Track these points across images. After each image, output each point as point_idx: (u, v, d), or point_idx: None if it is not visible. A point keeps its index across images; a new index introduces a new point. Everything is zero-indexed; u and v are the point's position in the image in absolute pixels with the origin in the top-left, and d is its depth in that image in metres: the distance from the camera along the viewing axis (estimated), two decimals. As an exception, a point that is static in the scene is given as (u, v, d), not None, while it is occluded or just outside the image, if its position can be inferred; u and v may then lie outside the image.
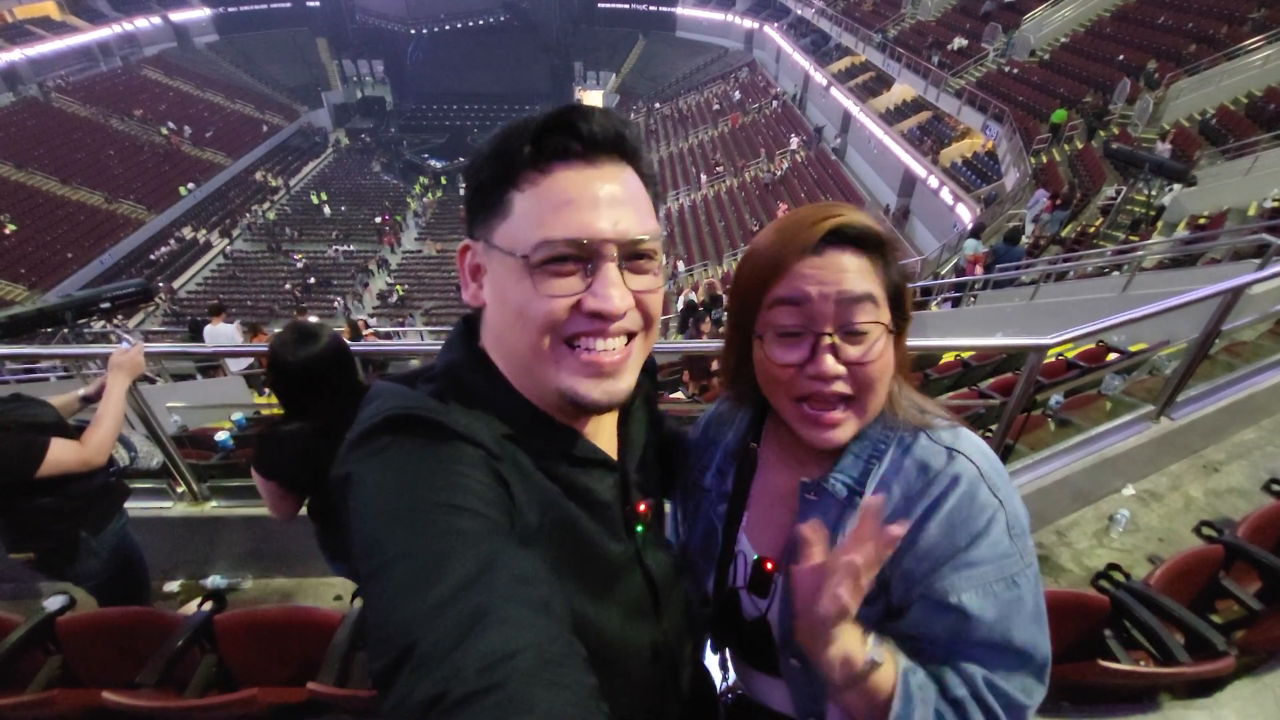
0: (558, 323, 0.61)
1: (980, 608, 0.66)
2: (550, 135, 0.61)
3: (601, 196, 0.61)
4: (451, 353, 0.70)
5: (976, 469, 0.70)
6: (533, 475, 0.64)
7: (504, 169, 0.62)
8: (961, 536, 0.67)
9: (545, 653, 0.45)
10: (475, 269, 0.67)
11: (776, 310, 0.71)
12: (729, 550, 0.83)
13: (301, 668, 1.77)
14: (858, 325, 0.68)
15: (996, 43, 18.95)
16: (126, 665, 1.78)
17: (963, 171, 16.79)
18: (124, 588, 2.10)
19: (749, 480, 0.84)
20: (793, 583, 0.64)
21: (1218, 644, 1.73)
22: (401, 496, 0.54)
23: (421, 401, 0.62)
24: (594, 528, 0.69)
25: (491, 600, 0.46)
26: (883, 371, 0.71)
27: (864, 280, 0.69)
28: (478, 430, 0.61)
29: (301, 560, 2.67)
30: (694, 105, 32.78)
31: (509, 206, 0.62)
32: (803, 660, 0.76)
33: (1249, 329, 3.86)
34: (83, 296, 5.27)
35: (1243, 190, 9.15)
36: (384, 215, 28.82)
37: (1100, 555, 2.60)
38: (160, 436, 2.39)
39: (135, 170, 26.42)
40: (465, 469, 0.57)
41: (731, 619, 0.84)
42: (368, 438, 0.58)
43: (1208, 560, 2.06)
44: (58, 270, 20.41)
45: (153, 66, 33.83)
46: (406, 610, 0.46)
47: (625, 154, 0.65)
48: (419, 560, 0.49)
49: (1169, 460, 2.99)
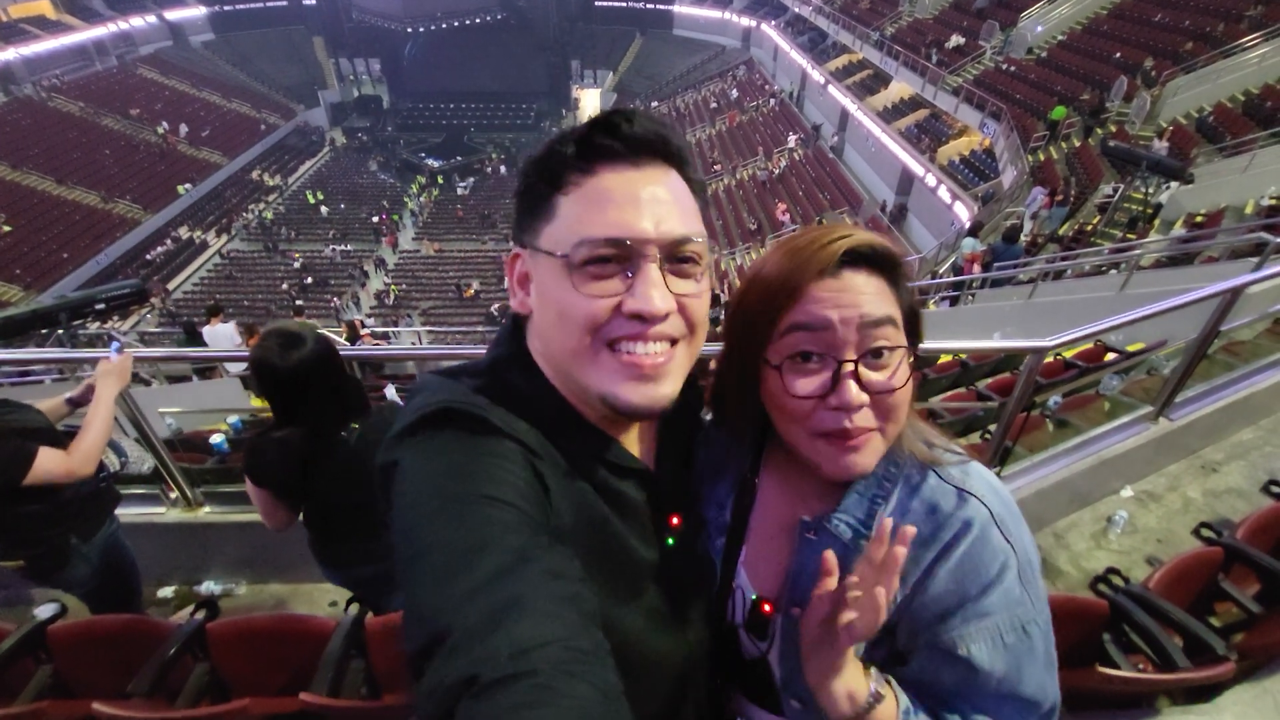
0: (598, 324, 0.61)
1: (989, 661, 0.64)
2: (594, 136, 0.62)
3: (644, 196, 0.61)
4: (499, 349, 0.72)
5: (989, 512, 0.67)
6: (570, 474, 0.65)
7: (549, 172, 0.63)
8: (972, 585, 0.65)
9: (574, 646, 0.46)
10: (524, 277, 0.68)
11: (792, 337, 0.66)
12: (727, 585, 0.80)
13: (295, 676, 1.75)
14: (881, 349, 0.65)
15: (994, 40, 18.95)
16: (118, 674, 1.76)
17: (960, 170, 16.79)
18: (116, 594, 2.09)
19: (747, 514, 0.81)
20: (804, 615, 0.63)
21: (1217, 648, 1.72)
22: (443, 486, 0.55)
23: (466, 396, 0.63)
24: (625, 532, 0.69)
25: (524, 591, 0.48)
26: (906, 397, 0.68)
27: (884, 302, 0.66)
28: (518, 427, 0.62)
29: (296, 566, 2.65)
30: (691, 104, 32.74)
31: (554, 209, 0.63)
32: (804, 702, 0.74)
33: (1247, 328, 3.86)
34: (77, 298, 5.25)
35: (1240, 188, 9.16)
36: (382, 215, 28.76)
37: (1099, 557, 2.59)
38: (153, 441, 2.37)
39: (131, 170, 26.30)
40: (505, 464, 0.58)
41: (731, 656, 0.82)
42: (415, 429, 0.60)
43: (1207, 563, 2.05)
44: (53, 271, 20.32)
45: (148, 65, 33.67)
46: (442, 596, 0.48)
47: (670, 157, 0.65)
48: (456, 548, 0.50)
49: (1167, 461, 2.98)
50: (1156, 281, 6.21)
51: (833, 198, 20.17)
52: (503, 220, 28.64)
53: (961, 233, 11.13)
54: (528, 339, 0.71)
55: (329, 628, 1.83)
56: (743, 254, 19.33)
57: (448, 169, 34.61)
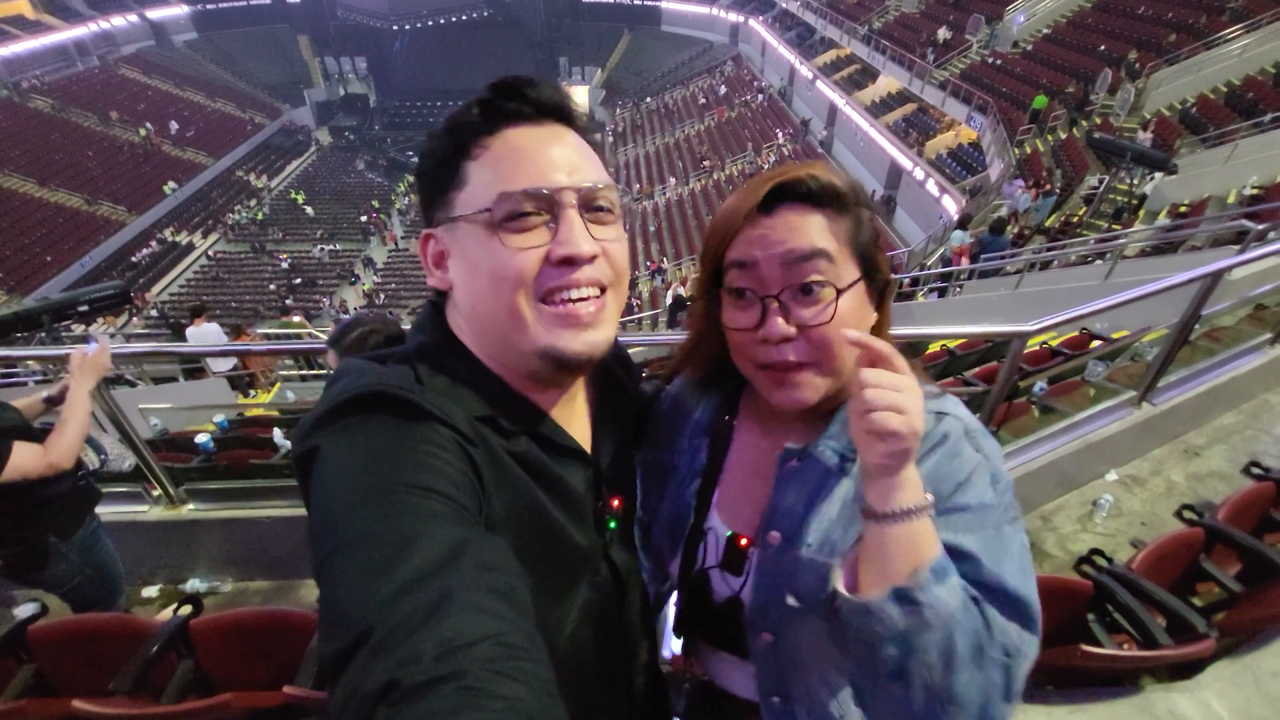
0: (529, 275, 0.61)
1: (960, 542, 0.64)
2: (497, 99, 0.63)
3: (554, 150, 0.63)
4: (422, 334, 0.69)
5: (963, 426, 0.70)
6: (504, 461, 0.63)
7: (455, 142, 0.63)
8: (946, 485, 0.66)
9: (506, 642, 0.43)
10: (439, 255, 0.67)
11: (730, 274, 0.71)
12: (699, 528, 0.81)
13: (280, 671, 1.74)
14: (810, 284, 0.67)
15: (980, 34, 19.04)
16: (101, 672, 1.74)
17: (947, 163, 16.87)
18: (97, 593, 2.06)
19: (723, 456, 0.82)
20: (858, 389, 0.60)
21: (1199, 626, 1.74)
22: (368, 475, 0.52)
23: (394, 379, 0.60)
24: (563, 519, 0.68)
25: (454, 586, 0.45)
26: (842, 334, 0.67)
27: (817, 237, 0.67)
28: (451, 412, 0.59)
29: (282, 562, 2.63)
30: (680, 100, 32.70)
31: (464, 176, 0.63)
32: (776, 634, 0.75)
33: (1228, 314, 3.90)
34: (60, 299, 5.18)
35: (1222, 178, 9.26)
36: (371, 214, 28.57)
37: (1084, 540, 2.61)
38: (133, 439, 2.35)
39: (115, 171, 25.96)
40: (436, 450, 0.55)
41: (701, 601, 0.82)
42: (336, 414, 0.56)
43: (1189, 544, 2.08)
44: (37, 274, 20.05)
45: (130, 65, 33.22)
46: (366, 594, 0.44)
47: (570, 119, 0.67)
48: (383, 542, 0.47)
49: (1151, 445, 3.01)
50: (1141, 270, 6.27)
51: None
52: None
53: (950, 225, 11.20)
54: (450, 319, 0.69)
55: (313, 622, 1.81)
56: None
57: (436, 167, 34.38)
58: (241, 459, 3.48)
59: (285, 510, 2.52)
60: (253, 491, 2.58)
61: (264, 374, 7.19)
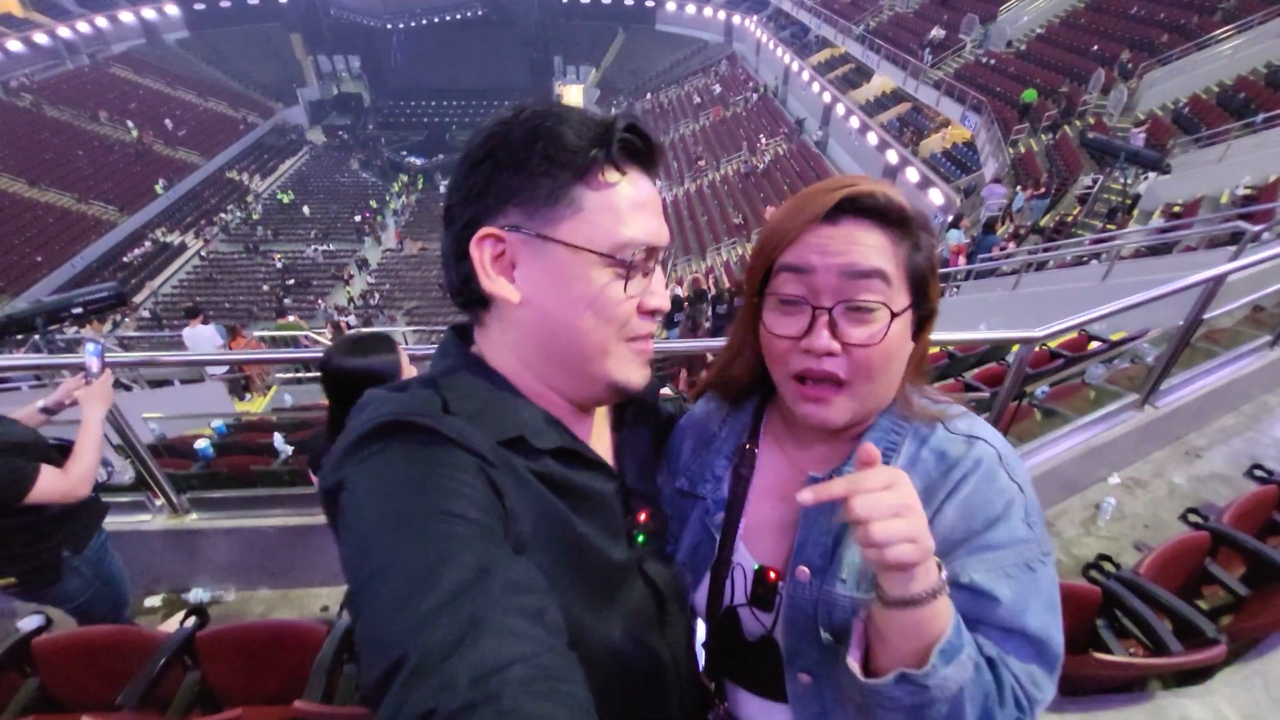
0: (628, 320, 0.65)
1: (993, 586, 0.63)
2: (629, 137, 0.64)
3: (658, 204, 0.67)
4: (448, 358, 0.70)
5: (996, 453, 0.69)
6: (528, 481, 0.62)
7: (572, 161, 0.61)
8: (979, 520, 0.65)
9: (539, 664, 0.44)
10: (505, 262, 0.64)
11: (781, 277, 0.69)
12: (725, 562, 0.77)
13: (288, 683, 1.73)
14: (861, 302, 0.65)
15: (974, 34, 19.10)
16: (107, 685, 1.73)
17: (942, 162, 16.92)
18: (105, 606, 2.05)
19: (747, 485, 0.79)
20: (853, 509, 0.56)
21: (1207, 631, 1.75)
22: (393, 503, 0.52)
23: (415, 406, 0.60)
24: (594, 533, 0.67)
25: (485, 609, 0.45)
26: (885, 359, 0.67)
27: (876, 255, 0.65)
28: (471, 436, 0.59)
29: (286, 571, 2.61)
30: (675, 99, 32.67)
31: (577, 201, 0.62)
32: (815, 674, 0.72)
33: (1227, 316, 3.92)
34: (53, 302, 5.11)
35: (1215, 178, 9.31)
36: (365, 214, 28.43)
37: (1088, 544, 2.63)
38: (136, 448, 2.33)
39: (106, 171, 25.71)
40: (459, 475, 0.55)
41: (730, 641, 0.79)
42: (360, 445, 0.57)
43: (1195, 547, 2.09)
44: (28, 274, 19.84)
45: (121, 64, 32.93)
46: (398, 620, 0.45)
47: (655, 168, 0.69)
48: (411, 568, 0.48)
49: (1153, 448, 3.03)
50: (1137, 271, 6.31)
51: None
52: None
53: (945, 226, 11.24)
54: (488, 331, 0.69)
55: (321, 634, 1.80)
56: (728, 249, 19.33)
57: (430, 167, 34.28)
58: (242, 465, 3.46)
59: (289, 519, 2.50)
60: (256, 500, 2.56)
61: (260, 377, 7.16)
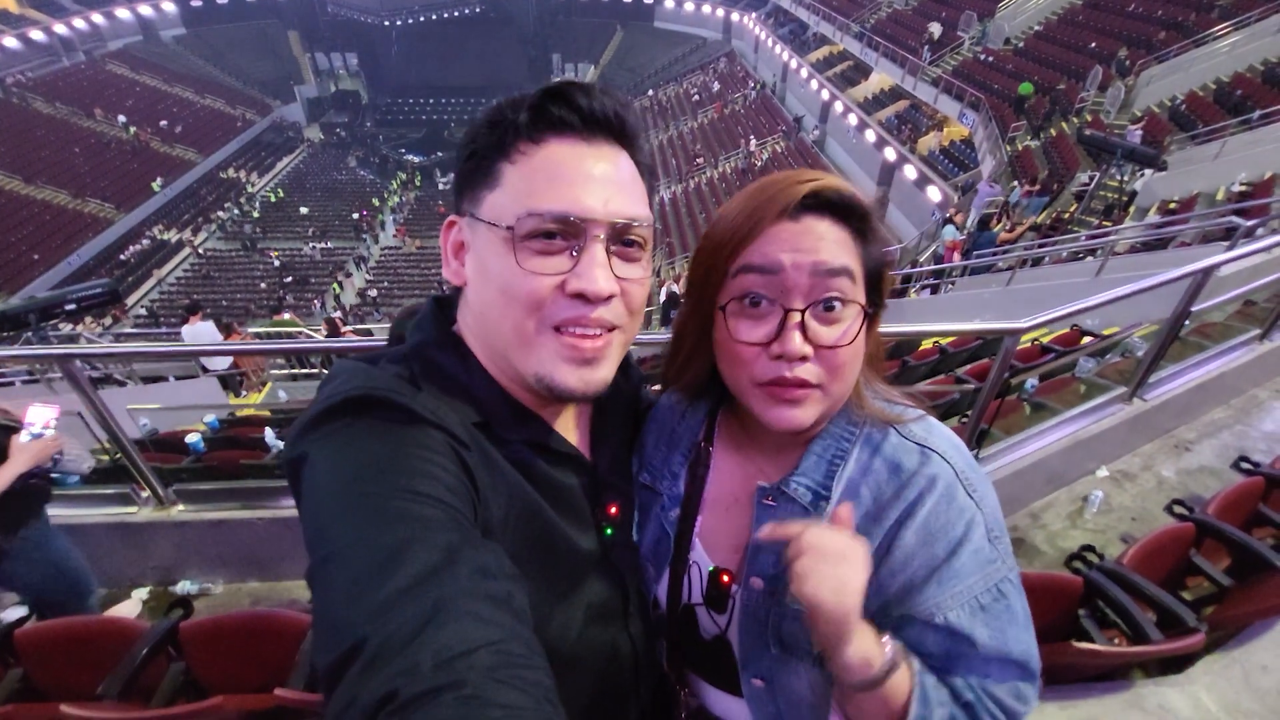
0: (541, 302, 0.59)
1: (970, 626, 0.62)
2: (548, 106, 0.59)
3: (595, 174, 0.59)
4: (422, 333, 0.67)
5: (952, 469, 0.66)
6: (500, 465, 0.62)
7: (497, 139, 0.60)
8: (941, 546, 0.63)
9: (505, 650, 0.43)
10: (459, 245, 0.65)
11: (743, 279, 0.64)
12: (681, 559, 0.77)
13: (271, 673, 1.73)
14: (833, 301, 0.62)
15: (972, 31, 19.08)
16: (90, 676, 1.72)
17: (940, 160, 16.91)
18: (60, 594, 2.04)
19: (702, 484, 0.78)
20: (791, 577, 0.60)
21: (1189, 620, 1.75)
22: (359, 481, 0.50)
23: (386, 382, 0.58)
24: (562, 523, 0.66)
25: (451, 594, 0.44)
26: (855, 357, 0.65)
27: (843, 253, 0.63)
28: (445, 415, 0.58)
29: (273, 563, 2.61)
30: (673, 96, 32.64)
31: (498, 177, 0.60)
32: (767, 680, 0.72)
33: (1218, 310, 3.93)
34: (47, 298, 5.11)
35: (1211, 175, 9.33)
36: (363, 211, 28.39)
37: (1074, 536, 2.63)
38: (122, 441, 2.32)
39: (102, 168, 25.65)
40: (429, 454, 0.54)
41: (689, 636, 0.79)
42: (325, 417, 0.55)
43: (1179, 538, 2.09)
44: (24, 272, 19.82)
45: (118, 61, 32.84)
46: (359, 603, 0.43)
47: (623, 137, 0.63)
48: (375, 549, 0.46)
49: (1141, 441, 3.03)
50: (1131, 266, 6.31)
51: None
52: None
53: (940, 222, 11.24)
54: (458, 313, 0.68)
55: (304, 623, 1.80)
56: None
57: (428, 164, 34.27)
58: (232, 459, 3.45)
59: (277, 512, 2.50)
60: (244, 492, 2.56)
61: (255, 373, 7.15)
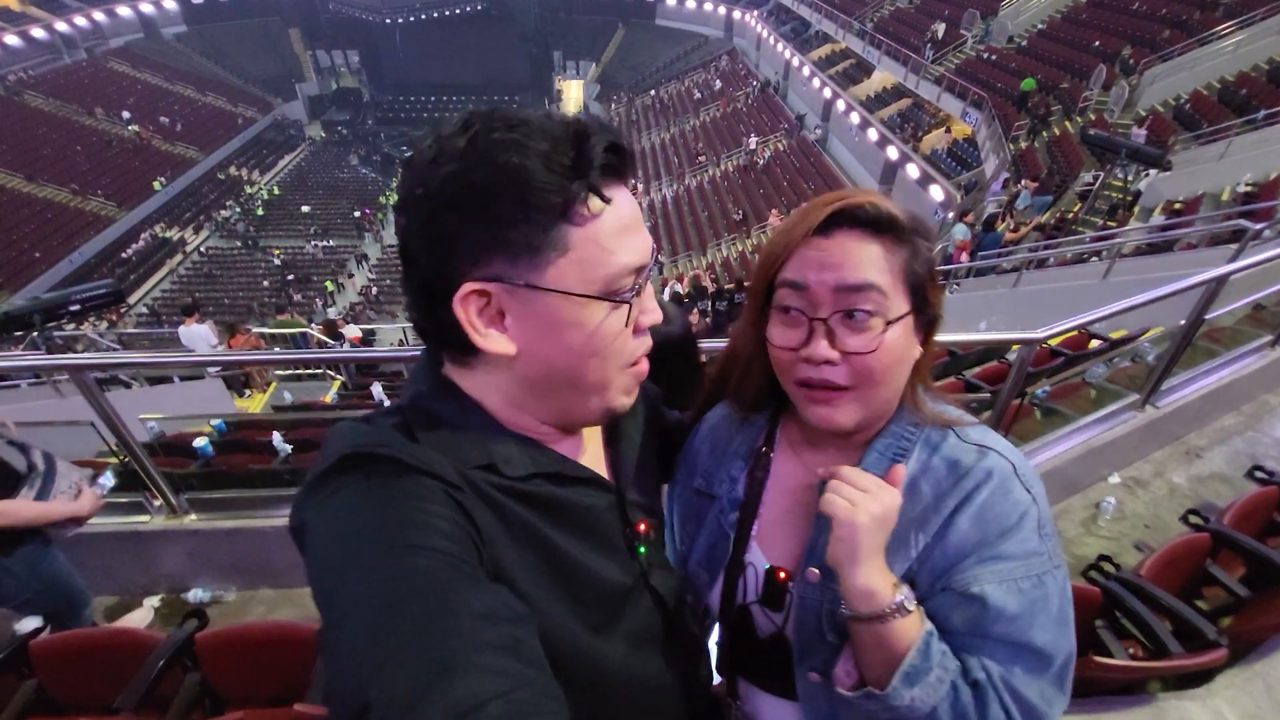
0: (628, 346, 0.63)
1: (1002, 600, 0.64)
2: (613, 158, 0.57)
3: (638, 216, 0.62)
4: (416, 385, 0.66)
5: (1010, 464, 0.69)
6: (503, 504, 0.60)
7: (547, 203, 0.54)
8: (992, 531, 0.66)
9: (515, 699, 0.42)
10: (496, 315, 0.58)
11: (781, 292, 0.71)
12: (738, 561, 0.80)
13: (288, 685, 1.73)
14: (856, 313, 0.67)
15: (975, 29, 19.03)
16: (106, 688, 1.72)
17: (943, 159, 16.88)
18: (53, 608, 2.03)
19: (761, 487, 0.81)
20: (823, 500, 0.67)
21: (1208, 633, 1.75)
22: (352, 542, 0.50)
23: (375, 436, 0.57)
24: (581, 551, 0.65)
25: (454, 649, 0.43)
26: (885, 365, 0.68)
27: (868, 267, 0.66)
28: (435, 462, 0.56)
29: (287, 571, 2.61)
30: (675, 94, 32.57)
31: (561, 243, 0.55)
32: (824, 674, 0.74)
33: (1228, 315, 3.92)
34: (51, 299, 5.11)
35: (1216, 175, 9.29)
36: (364, 211, 28.35)
37: (1088, 544, 2.62)
38: (134, 449, 2.32)
39: (104, 166, 25.62)
40: (422, 504, 0.53)
41: (745, 638, 0.81)
42: (319, 482, 0.55)
43: (1195, 549, 2.09)
44: (26, 271, 19.81)
45: (119, 59, 32.80)
46: (361, 665, 0.43)
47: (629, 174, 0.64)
48: (370, 611, 0.45)
49: (1153, 447, 3.03)
50: (1138, 269, 6.30)
51: (817, 188, 20.21)
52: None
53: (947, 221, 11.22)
54: (476, 373, 0.63)
55: (322, 635, 1.80)
56: (728, 245, 19.30)
57: (430, 162, 34.14)
58: (241, 464, 3.45)
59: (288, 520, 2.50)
60: (255, 501, 2.55)
61: (259, 374, 7.15)
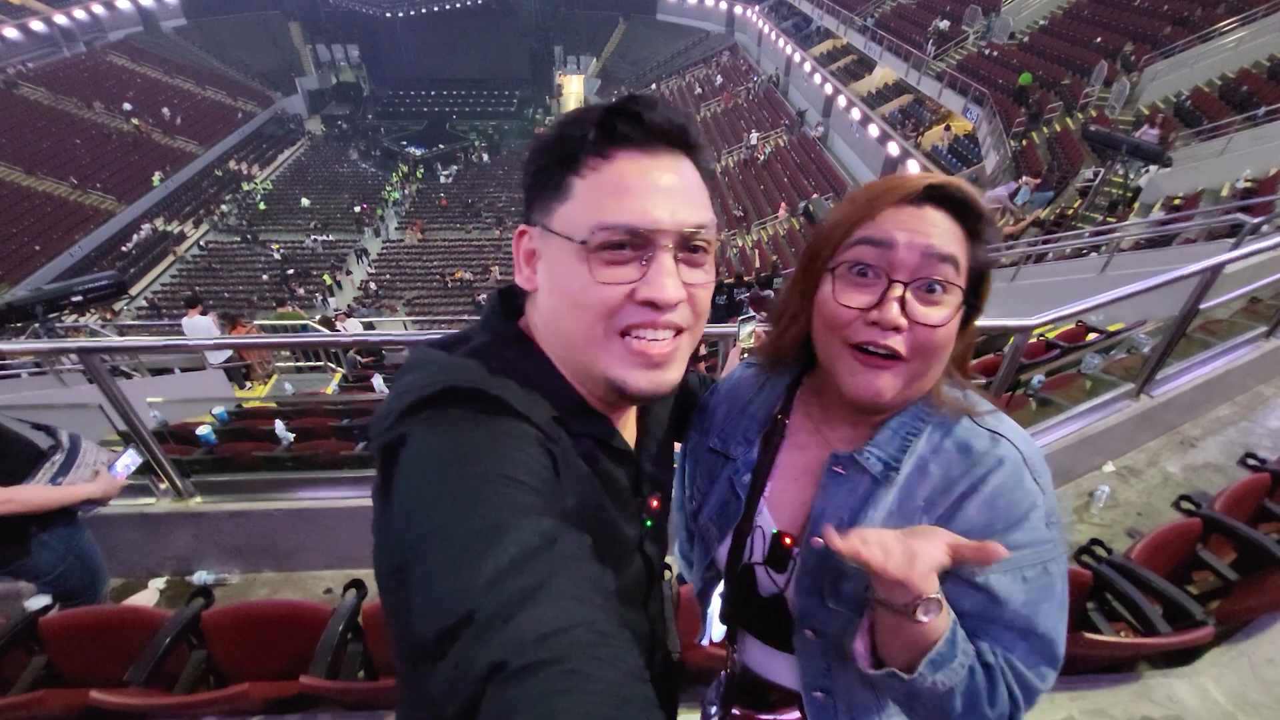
0: (613, 311, 0.62)
1: (1009, 590, 0.67)
2: (614, 121, 0.61)
3: (660, 185, 0.62)
4: (491, 329, 0.70)
5: (1020, 454, 0.70)
6: (573, 458, 0.65)
7: (567, 153, 0.62)
8: (1000, 521, 0.68)
9: (598, 629, 0.46)
10: (530, 254, 0.67)
11: (857, 249, 0.70)
12: (748, 522, 0.83)
13: (291, 661, 1.76)
14: (936, 283, 0.67)
15: (977, 26, 18.99)
16: (112, 663, 1.76)
17: (944, 155, 16.87)
18: (80, 582, 2.07)
19: (775, 453, 0.84)
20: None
21: (1196, 614, 1.78)
22: (459, 465, 0.54)
23: (479, 375, 0.62)
24: (616, 514, 0.71)
25: (548, 575, 0.47)
26: (945, 342, 0.69)
27: (954, 243, 0.68)
28: (532, 409, 0.61)
29: (290, 554, 2.64)
30: (676, 89, 32.49)
31: (569, 191, 0.62)
32: (819, 633, 0.78)
33: (1223, 307, 3.94)
34: (53, 290, 5.12)
35: (1216, 171, 9.29)
36: (363, 205, 28.31)
37: (1081, 530, 2.66)
38: (142, 433, 2.35)
39: (104, 159, 25.57)
40: (521, 445, 0.57)
41: (748, 595, 0.85)
42: (424, 405, 0.58)
43: (1186, 534, 2.12)
44: (26, 263, 19.80)
45: (118, 52, 32.71)
46: (463, 578, 0.46)
47: (686, 146, 0.66)
48: (475, 529, 0.49)
49: (1147, 437, 3.06)
50: (1137, 263, 6.31)
51: (817, 184, 20.18)
52: (486, 209, 28.41)
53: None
54: (528, 314, 0.70)
55: (325, 613, 1.83)
56: (729, 240, 19.29)
57: (430, 157, 34.14)
58: (244, 452, 3.48)
59: (294, 503, 2.53)
60: (261, 484, 2.59)
61: (261, 365, 7.17)
